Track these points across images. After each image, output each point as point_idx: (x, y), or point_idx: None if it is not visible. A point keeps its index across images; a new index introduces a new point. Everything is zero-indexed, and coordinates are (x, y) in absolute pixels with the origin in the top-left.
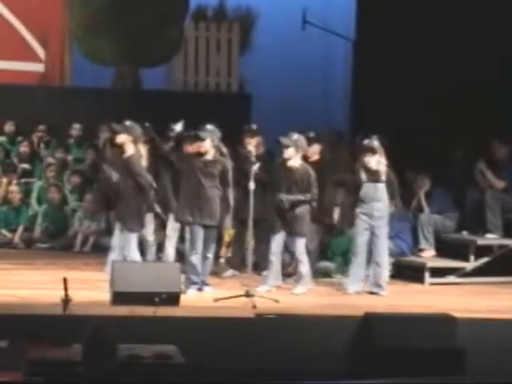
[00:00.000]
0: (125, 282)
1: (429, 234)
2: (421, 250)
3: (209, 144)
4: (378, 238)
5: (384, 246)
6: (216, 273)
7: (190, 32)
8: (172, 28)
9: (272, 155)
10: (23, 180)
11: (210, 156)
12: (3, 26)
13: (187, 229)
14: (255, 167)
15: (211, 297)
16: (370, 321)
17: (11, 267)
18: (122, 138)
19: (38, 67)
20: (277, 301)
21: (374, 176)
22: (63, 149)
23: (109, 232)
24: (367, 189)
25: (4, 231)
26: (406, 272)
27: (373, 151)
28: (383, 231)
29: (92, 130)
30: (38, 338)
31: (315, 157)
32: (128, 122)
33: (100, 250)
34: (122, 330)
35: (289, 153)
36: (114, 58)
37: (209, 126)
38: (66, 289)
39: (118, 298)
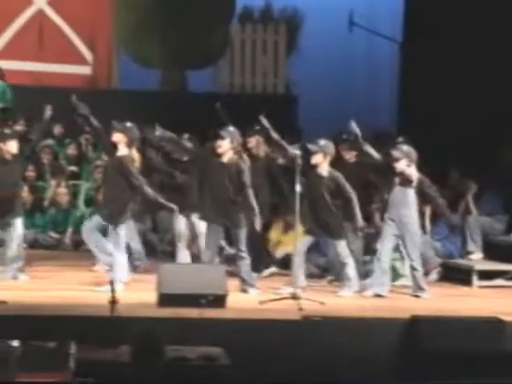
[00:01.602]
0: (171, 284)
1: (477, 237)
2: (469, 253)
3: (227, 145)
4: (406, 244)
5: (415, 251)
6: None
7: (236, 34)
8: (218, 30)
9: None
10: (71, 182)
11: (225, 158)
12: (52, 30)
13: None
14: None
15: (257, 299)
16: (418, 323)
17: (59, 269)
18: (117, 137)
19: (86, 70)
20: (323, 303)
21: (402, 180)
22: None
23: (155, 230)
24: (395, 193)
25: (52, 233)
26: (454, 275)
27: (400, 155)
28: (411, 236)
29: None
30: (85, 340)
31: (352, 159)
32: (128, 124)
33: (147, 251)
34: (168, 332)
35: (316, 159)
36: (160, 61)
37: (230, 128)
38: (113, 290)
39: (165, 299)
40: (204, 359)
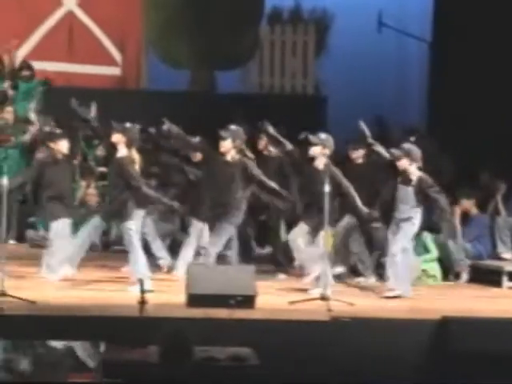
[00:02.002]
0: (200, 285)
1: (506, 238)
2: (498, 254)
3: (229, 144)
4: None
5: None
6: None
7: (265, 35)
8: (247, 31)
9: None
10: (100, 183)
11: (228, 157)
12: (81, 31)
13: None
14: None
15: (286, 300)
16: (448, 324)
17: (88, 269)
18: (116, 138)
19: (115, 71)
20: (352, 304)
21: (403, 179)
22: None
23: (184, 230)
24: (398, 191)
25: None
26: (484, 276)
27: (401, 154)
28: (403, 233)
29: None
30: (114, 340)
31: (359, 160)
32: (128, 124)
33: (176, 251)
34: (197, 332)
35: (315, 150)
36: (189, 62)
37: (232, 127)
38: (142, 291)
39: (194, 300)
40: (233, 360)
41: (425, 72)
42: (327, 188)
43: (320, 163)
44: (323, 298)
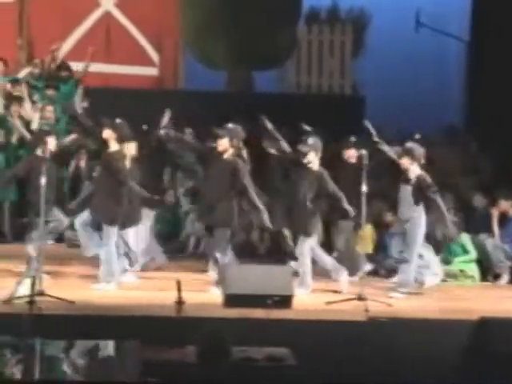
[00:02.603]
0: (237, 285)
1: None
2: None
3: (226, 143)
4: (407, 243)
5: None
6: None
7: (302, 34)
8: (285, 31)
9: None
10: None
11: (226, 156)
12: (118, 31)
13: None
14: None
15: (323, 300)
16: (487, 325)
17: None
18: (106, 134)
19: (152, 71)
20: (389, 304)
21: (404, 178)
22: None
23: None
24: (400, 191)
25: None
26: None
27: (402, 152)
28: (412, 236)
29: (205, 133)
30: (152, 340)
31: (352, 160)
32: (118, 120)
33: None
34: (234, 332)
35: (309, 158)
36: (226, 62)
37: (230, 125)
38: (179, 291)
39: (231, 300)
40: (270, 360)
41: (463, 71)
42: (364, 188)
43: (315, 166)
44: (360, 298)
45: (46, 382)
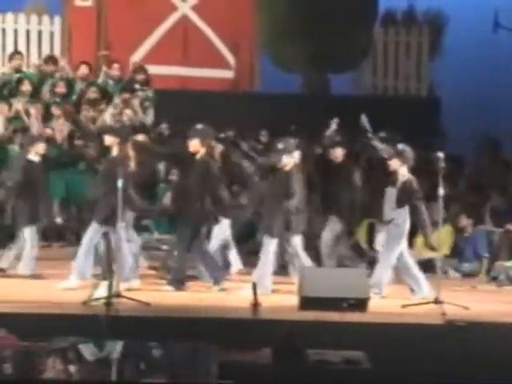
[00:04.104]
0: (313, 288)
1: None
2: None
3: (197, 144)
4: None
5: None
6: None
7: (379, 36)
8: (361, 33)
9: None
10: None
11: (198, 157)
12: (195, 34)
13: None
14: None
15: (399, 303)
16: None
17: None
18: (108, 141)
19: (228, 74)
20: (467, 308)
21: (392, 180)
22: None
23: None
24: (386, 192)
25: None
26: None
27: (393, 153)
28: (392, 238)
29: (280, 135)
30: (228, 342)
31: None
32: (117, 125)
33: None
34: (309, 335)
35: (283, 161)
36: (302, 65)
37: (198, 126)
38: (255, 293)
39: (306, 302)
40: (345, 363)
41: None
42: (441, 191)
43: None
44: (437, 301)
45: (123, 383)
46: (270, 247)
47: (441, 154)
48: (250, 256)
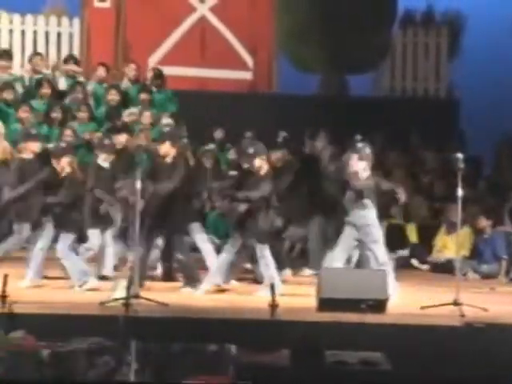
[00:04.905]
0: (331, 289)
1: None
2: None
3: (167, 147)
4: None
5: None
6: None
7: (397, 37)
8: (379, 34)
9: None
10: None
11: (169, 159)
12: (214, 35)
13: None
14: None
15: (418, 304)
16: None
17: None
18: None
19: (246, 75)
20: (486, 309)
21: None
22: None
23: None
24: (347, 192)
25: (213, 237)
26: None
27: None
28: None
29: (298, 136)
30: (246, 343)
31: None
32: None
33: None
34: (328, 336)
35: (256, 164)
36: (320, 66)
37: (167, 128)
38: (273, 294)
39: (325, 304)
40: (364, 364)
41: None
42: (460, 192)
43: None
44: (456, 303)
45: (142, 383)
46: (264, 252)
47: (460, 155)
48: None
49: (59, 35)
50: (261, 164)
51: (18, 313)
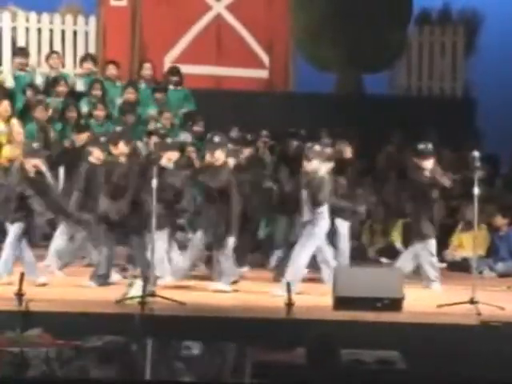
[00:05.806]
0: (347, 287)
1: None
2: None
3: (123, 147)
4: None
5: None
6: None
7: (413, 36)
8: (396, 33)
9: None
10: None
11: (123, 159)
12: (230, 34)
13: None
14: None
15: (434, 303)
16: None
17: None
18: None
19: (263, 74)
20: (502, 308)
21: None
22: None
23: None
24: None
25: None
26: None
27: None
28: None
29: (315, 135)
30: (262, 341)
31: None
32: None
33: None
34: (344, 335)
35: (216, 156)
36: (336, 64)
37: (118, 128)
38: (288, 292)
39: (340, 302)
40: (380, 363)
41: None
42: (477, 191)
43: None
44: (472, 301)
45: (158, 382)
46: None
47: (476, 154)
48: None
49: (75, 34)
50: (219, 156)
51: (35, 311)
